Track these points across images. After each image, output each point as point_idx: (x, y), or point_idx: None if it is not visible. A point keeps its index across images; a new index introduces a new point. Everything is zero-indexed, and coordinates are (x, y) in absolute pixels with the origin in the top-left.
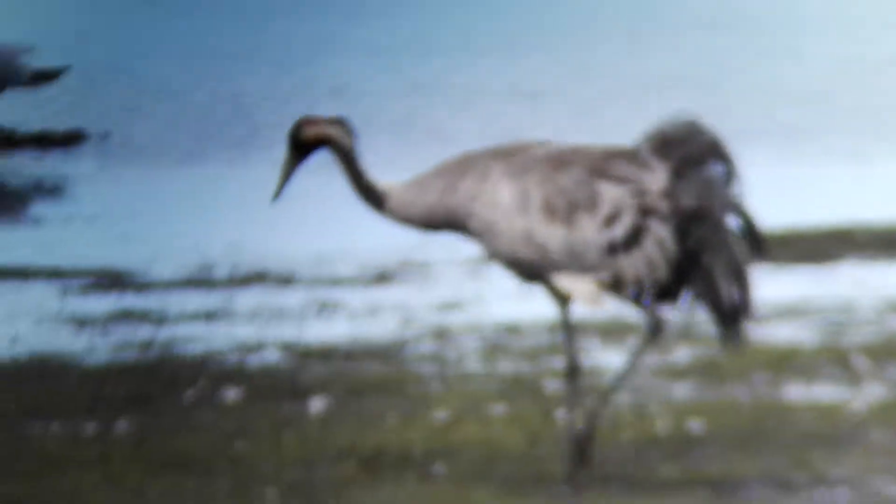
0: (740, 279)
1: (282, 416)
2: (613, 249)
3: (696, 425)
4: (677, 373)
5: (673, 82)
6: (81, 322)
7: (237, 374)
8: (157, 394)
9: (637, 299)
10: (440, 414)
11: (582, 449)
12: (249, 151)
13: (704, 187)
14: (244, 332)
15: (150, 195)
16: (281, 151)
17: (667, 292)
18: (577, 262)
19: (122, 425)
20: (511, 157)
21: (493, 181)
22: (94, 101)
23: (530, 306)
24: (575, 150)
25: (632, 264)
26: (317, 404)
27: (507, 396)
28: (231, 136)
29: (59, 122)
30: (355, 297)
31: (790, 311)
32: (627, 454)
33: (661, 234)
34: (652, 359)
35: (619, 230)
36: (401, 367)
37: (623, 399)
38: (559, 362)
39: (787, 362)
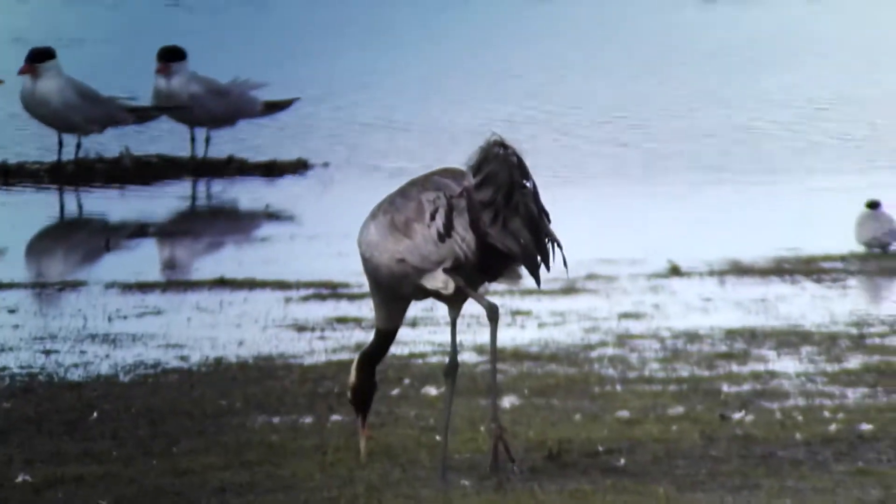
0: (535, 236)
1: (477, 412)
2: (441, 238)
3: (867, 427)
4: (850, 379)
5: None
6: (302, 327)
7: (438, 374)
8: None
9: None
10: (622, 413)
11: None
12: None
13: (494, 186)
14: (444, 336)
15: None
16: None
17: (490, 262)
18: (427, 261)
19: (335, 419)
20: (378, 204)
21: (366, 228)
22: (314, 131)
23: (709, 317)
24: (419, 177)
25: (456, 245)
26: (509, 402)
27: (685, 399)
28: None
29: (285, 151)
30: (544, 307)
31: None
32: (801, 453)
33: (465, 220)
34: (826, 366)
35: (440, 222)
36: (585, 369)
37: (797, 402)
38: (736, 367)
39: None
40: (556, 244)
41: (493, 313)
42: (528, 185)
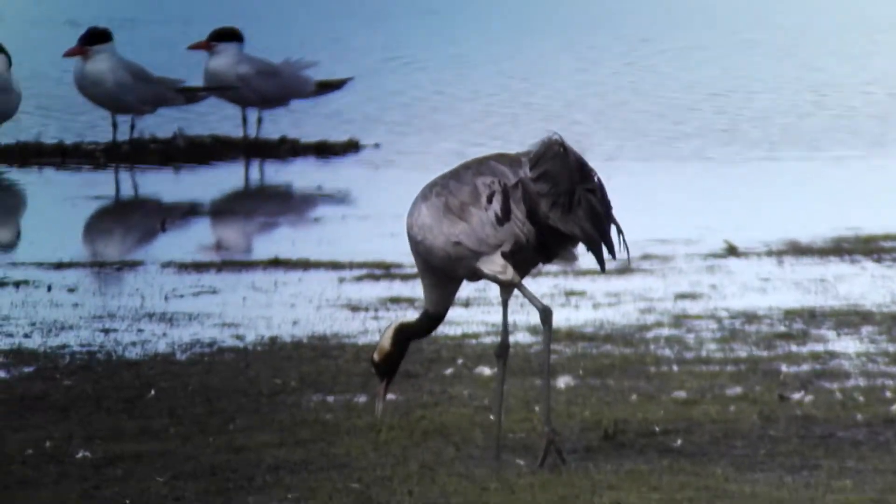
0: (594, 222)
1: (531, 392)
2: (499, 221)
3: None
4: None
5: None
6: (355, 307)
7: (491, 354)
8: (420, 371)
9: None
10: (679, 393)
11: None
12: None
13: (551, 184)
14: (497, 317)
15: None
16: None
17: (550, 243)
18: (485, 244)
19: (389, 398)
20: (428, 185)
21: (416, 209)
22: (368, 111)
23: (767, 297)
24: (471, 160)
25: (516, 227)
26: (564, 382)
27: (743, 379)
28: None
29: (338, 131)
30: (598, 287)
31: None
32: (861, 434)
33: (521, 208)
34: (887, 346)
35: (497, 206)
36: (641, 350)
37: (857, 382)
38: (795, 348)
39: None
40: (620, 232)
41: (546, 315)
42: (591, 181)
